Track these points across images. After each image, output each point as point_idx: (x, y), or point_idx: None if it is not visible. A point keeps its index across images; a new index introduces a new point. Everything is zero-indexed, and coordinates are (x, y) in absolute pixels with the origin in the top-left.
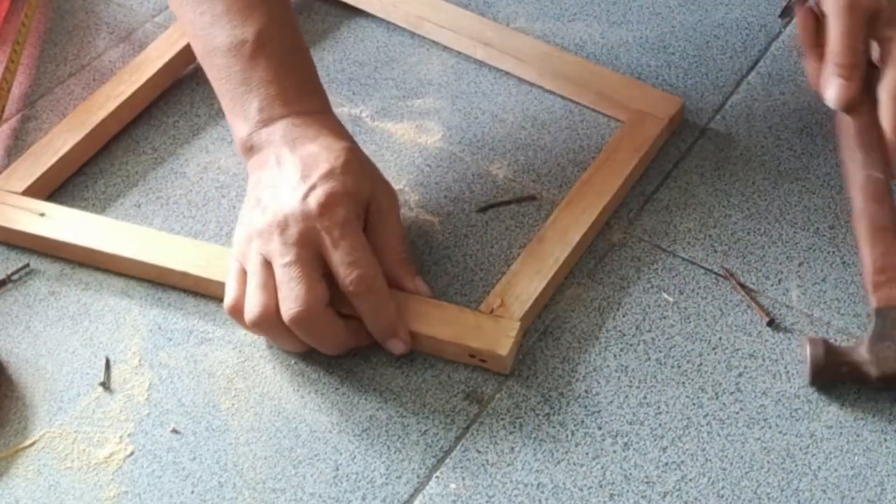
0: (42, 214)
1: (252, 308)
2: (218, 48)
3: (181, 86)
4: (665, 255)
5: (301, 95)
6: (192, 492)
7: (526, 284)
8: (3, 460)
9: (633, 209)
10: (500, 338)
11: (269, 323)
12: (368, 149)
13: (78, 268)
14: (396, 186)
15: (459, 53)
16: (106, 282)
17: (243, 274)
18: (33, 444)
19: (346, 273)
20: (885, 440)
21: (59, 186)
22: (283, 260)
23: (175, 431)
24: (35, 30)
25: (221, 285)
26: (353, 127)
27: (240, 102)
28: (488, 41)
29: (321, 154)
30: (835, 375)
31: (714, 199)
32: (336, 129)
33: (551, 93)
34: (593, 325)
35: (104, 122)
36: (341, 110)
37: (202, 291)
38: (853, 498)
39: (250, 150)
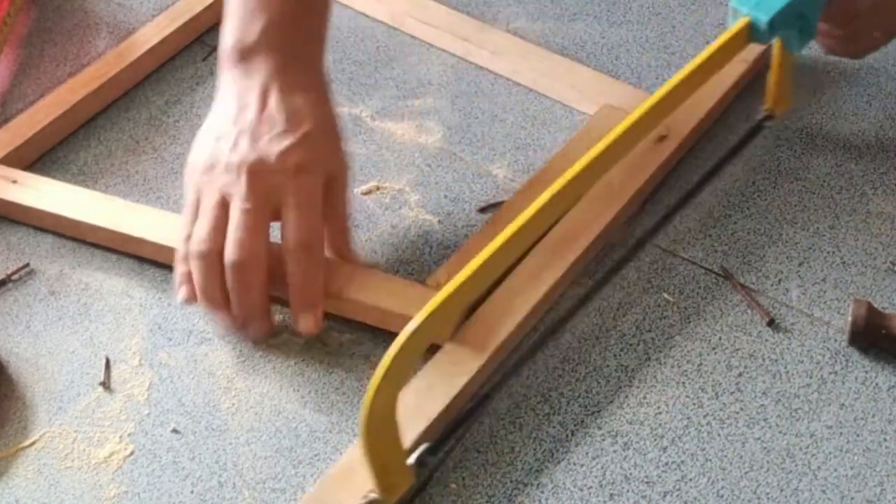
0: (14, 182)
1: (200, 242)
2: None
3: (181, 85)
4: (665, 255)
5: (308, 40)
6: (192, 492)
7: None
8: (4, 460)
9: (633, 209)
10: None
11: (210, 260)
12: (368, 148)
13: (78, 268)
14: (396, 186)
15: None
16: (106, 282)
17: (198, 206)
18: (33, 443)
19: (294, 232)
20: (885, 440)
21: (37, 159)
22: (243, 205)
23: (175, 431)
24: (36, 29)
25: None
26: (353, 127)
27: (248, 13)
28: (466, 37)
29: (308, 111)
30: (873, 338)
31: (714, 199)
32: (324, 88)
33: (526, 88)
34: (593, 325)
35: (86, 99)
36: (341, 110)
37: (170, 262)
38: (853, 498)
39: (239, 61)
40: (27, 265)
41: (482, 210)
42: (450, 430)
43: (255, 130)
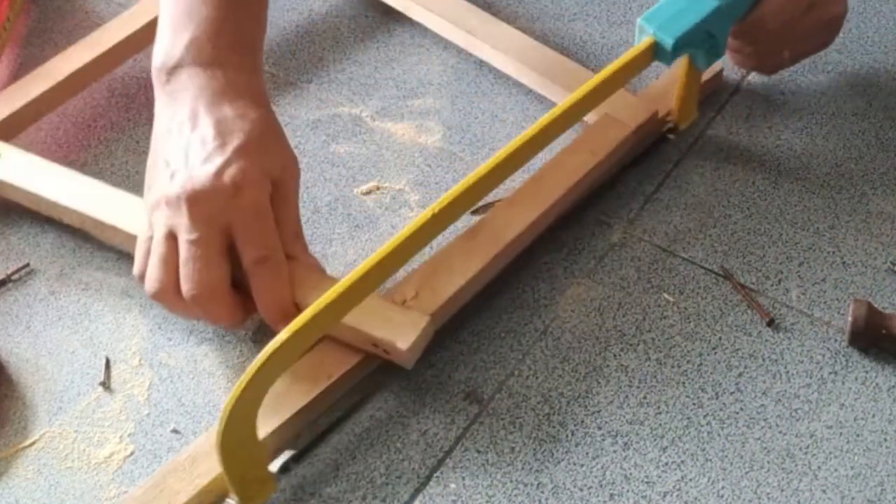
0: None
1: (152, 282)
2: None
3: None
4: (665, 255)
5: (236, 48)
6: None
7: (446, 279)
8: (4, 460)
9: (633, 209)
10: (406, 330)
11: (167, 298)
12: (368, 148)
13: (78, 268)
14: (396, 186)
15: (460, 53)
16: (106, 282)
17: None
18: (33, 443)
19: (246, 251)
20: (885, 440)
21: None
22: (189, 237)
23: (175, 431)
24: (36, 30)
25: None
26: (353, 127)
27: (173, 30)
28: (471, 29)
29: (236, 123)
30: (873, 338)
31: (714, 199)
32: (256, 91)
33: (526, 87)
34: (593, 325)
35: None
36: (341, 110)
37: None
38: (853, 498)
39: (167, 82)
40: (27, 265)
41: (474, 212)
42: (319, 437)
43: (188, 156)
